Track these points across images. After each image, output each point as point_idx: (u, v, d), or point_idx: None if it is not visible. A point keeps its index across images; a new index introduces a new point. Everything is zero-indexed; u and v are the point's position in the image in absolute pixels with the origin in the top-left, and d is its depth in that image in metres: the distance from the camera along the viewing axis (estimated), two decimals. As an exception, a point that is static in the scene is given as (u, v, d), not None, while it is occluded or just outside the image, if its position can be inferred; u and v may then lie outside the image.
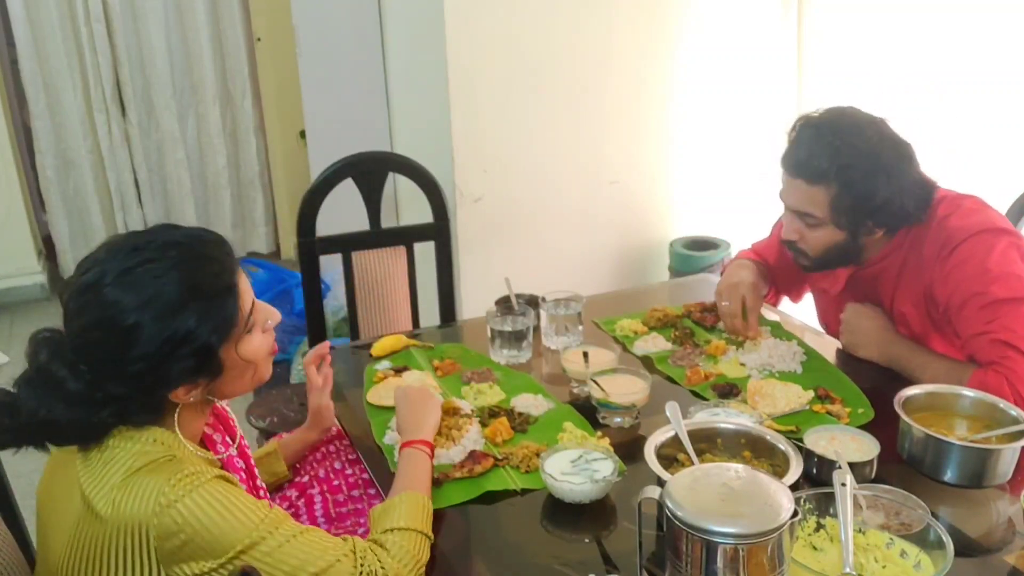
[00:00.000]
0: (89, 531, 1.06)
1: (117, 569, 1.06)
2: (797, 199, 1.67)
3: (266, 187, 4.85)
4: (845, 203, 1.61)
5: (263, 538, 1.06)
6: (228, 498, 1.07)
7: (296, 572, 1.08)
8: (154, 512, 1.03)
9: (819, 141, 1.61)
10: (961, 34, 2.53)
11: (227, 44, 4.51)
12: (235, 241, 4.80)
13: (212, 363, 1.11)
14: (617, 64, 2.89)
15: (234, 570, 1.05)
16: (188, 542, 1.03)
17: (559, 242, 3.00)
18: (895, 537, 1.15)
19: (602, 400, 1.54)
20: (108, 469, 1.07)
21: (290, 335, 3.36)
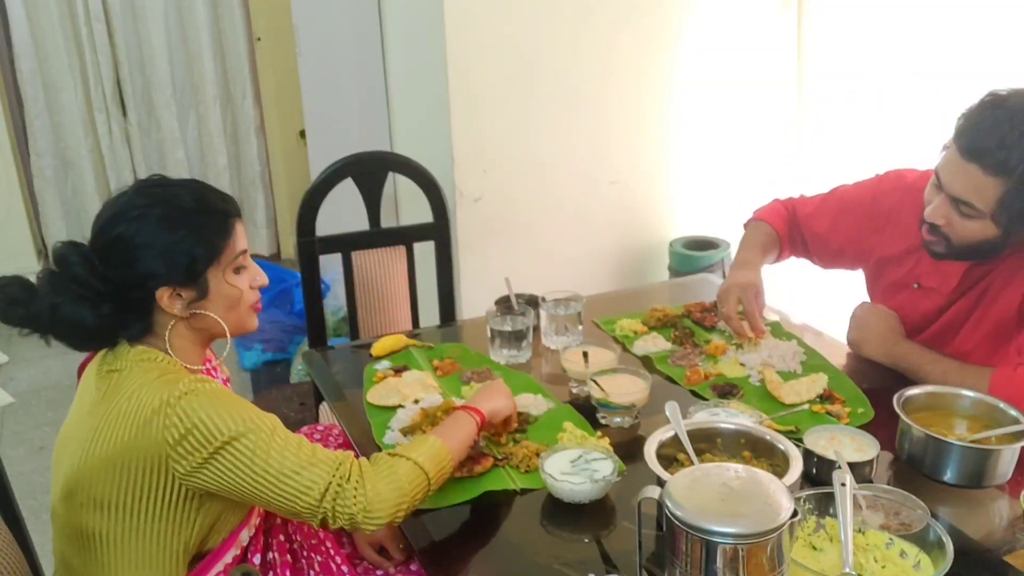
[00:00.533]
0: (104, 437, 1.17)
1: (128, 469, 1.16)
2: (963, 186, 1.48)
3: (267, 187, 4.84)
4: (1018, 204, 1.44)
5: (249, 431, 1.15)
6: (229, 397, 1.19)
7: (270, 466, 1.15)
8: (166, 403, 1.14)
9: (1012, 130, 1.42)
10: (961, 34, 2.53)
11: (227, 44, 4.50)
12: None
13: (198, 276, 1.23)
14: (617, 64, 2.89)
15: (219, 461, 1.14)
16: (188, 433, 1.14)
17: (559, 242, 2.99)
18: (895, 537, 1.15)
19: (602, 400, 1.55)
20: (123, 384, 1.20)
21: (290, 335, 3.36)
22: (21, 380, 3.65)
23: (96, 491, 1.18)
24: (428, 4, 2.65)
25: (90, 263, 1.20)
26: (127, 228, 1.20)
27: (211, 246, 1.23)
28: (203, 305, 1.25)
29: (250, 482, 1.15)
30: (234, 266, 1.27)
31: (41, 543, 1.46)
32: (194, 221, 1.22)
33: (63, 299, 1.18)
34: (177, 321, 1.25)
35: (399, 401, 1.63)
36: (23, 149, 4.40)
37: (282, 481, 1.15)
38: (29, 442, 3.17)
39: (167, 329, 1.24)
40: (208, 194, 1.27)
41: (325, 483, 1.15)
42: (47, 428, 3.27)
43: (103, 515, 1.19)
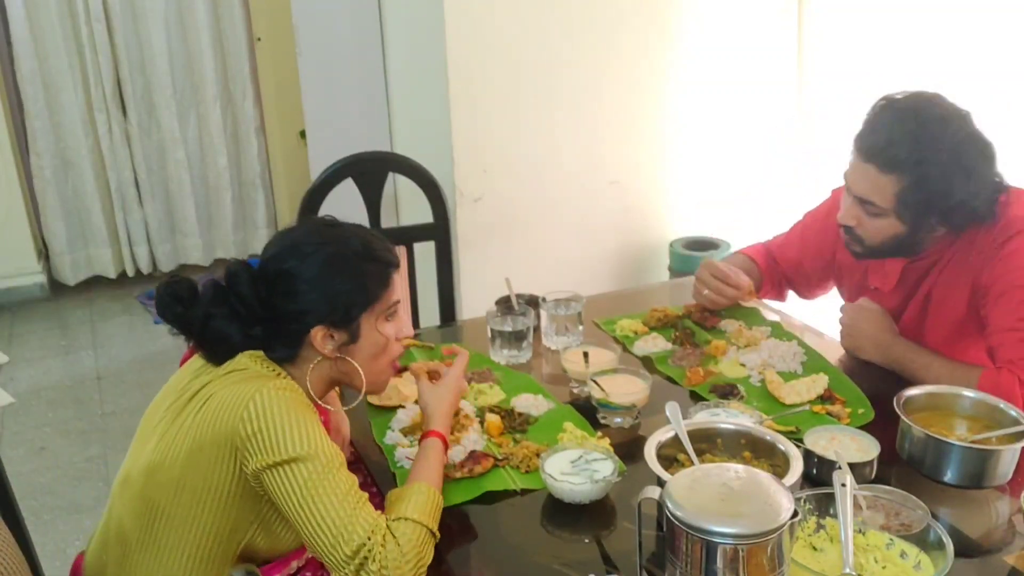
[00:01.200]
0: (193, 419, 1.21)
1: (210, 453, 1.19)
2: (863, 185, 1.57)
3: (267, 188, 4.84)
4: (915, 198, 1.52)
5: (313, 458, 1.16)
6: (307, 417, 1.20)
7: (319, 504, 1.15)
8: (250, 398, 1.17)
9: (901, 128, 1.50)
10: (961, 34, 2.53)
11: (228, 44, 4.50)
12: (236, 244, 4.80)
13: (353, 321, 1.28)
14: (617, 64, 2.89)
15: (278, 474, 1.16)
16: (258, 432, 1.16)
17: (559, 242, 3.00)
18: (895, 538, 1.15)
19: (602, 400, 1.55)
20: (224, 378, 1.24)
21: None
22: (21, 380, 3.65)
23: (179, 472, 1.21)
24: (428, 4, 2.65)
25: (256, 286, 1.26)
26: (297, 264, 1.26)
27: (370, 293, 1.29)
28: (351, 350, 1.30)
29: (295, 508, 1.16)
30: (386, 315, 1.33)
31: (41, 543, 1.47)
32: (360, 267, 1.28)
33: (218, 311, 1.25)
34: (322, 360, 1.29)
35: (399, 401, 1.63)
36: (23, 149, 4.40)
37: (320, 524, 1.15)
38: (29, 442, 3.17)
39: (311, 364, 1.29)
40: (375, 242, 1.32)
41: (355, 546, 1.13)
42: (47, 428, 3.27)
43: (177, 495, 1.22)
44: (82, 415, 3.37)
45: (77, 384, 3.60)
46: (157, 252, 4.67)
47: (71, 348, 3.94)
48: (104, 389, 3.56)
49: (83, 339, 4.03)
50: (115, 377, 3.66)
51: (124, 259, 4.63)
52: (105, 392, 3.54)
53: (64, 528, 2.68)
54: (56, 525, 2.69)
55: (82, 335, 4.08)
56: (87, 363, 3.78)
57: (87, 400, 3.48)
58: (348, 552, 1.13)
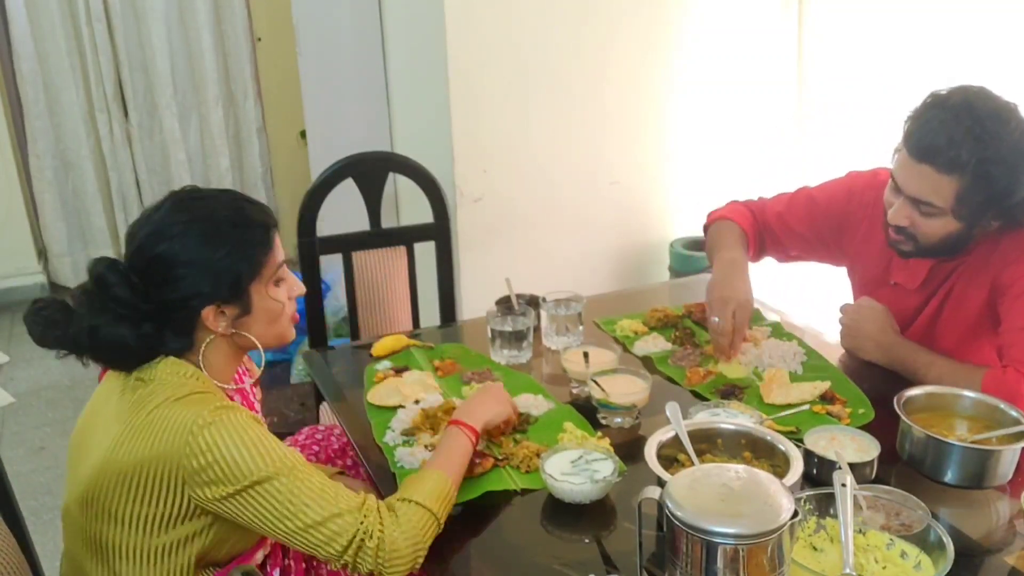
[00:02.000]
0: (125, 451, 1.15)
1: (144, 485, 1.15)
2: (919, 187, 1.52)
3: (269, 188, 4.84)
4: (976, 197, 1.47)
5: (277, 475, 1.14)
6: (256, 433, 1.16)
7: (299, 513, 1.13)
8: (189, 432, 1.12)
9: (958, 127, 1.45)
10: (961, 34, 2.53)
11: (228, 44, 4.50)
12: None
13: (242, 293, 1.22)
14: (617, 64, 2.89)
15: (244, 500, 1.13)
16: (211, 465, 1.12)
17: (559, 242, 2.99)
18: (895, 538, 1.15)
19: (602, 400, 1.54)
20: (150, 398, 1.18)
21: (290, 335, 3.35)
22: (21, 380, 3.65)
23: (112, 504, 1.17)
24: (428, 4, 2.65)
25: (131, 283, 1.18)
26: (168, 246, 1.18)
27: (254, 261, 1.23)
28: (246, 322, 1.25)
29: (273, 525, 1.14)
30: (275, 279, 1.27)
31: (41, 543, 1.47)
32: (236, 236, 1.21)
33: (102, 319, 1.17)
34: (216, 337, 1.24)
35: (400, 401, 1.63)
36: (23, 150, 4.40)
37: (307, 530, 1.14)
38: (29, 442, 3.17)
39: (203, 344, 1.23)
40: (246, 206, 1.25)
41: (349, 536, 1.13)
42: (47, 428, 3.27)
43: (118, 528, 1.19)
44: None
45: (77, 384, 3.60)
46: (158, 253, 4.67)
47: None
48: (104, 389, 3.56)
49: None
50: (115, 377, 3.65)
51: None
52: (105, 392, 3.53)
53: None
54: (56, 525, 2.69)
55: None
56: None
57: (86, 400, 3.45)
58: (343, 544, 1.14)
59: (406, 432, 1.53)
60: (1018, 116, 1.48)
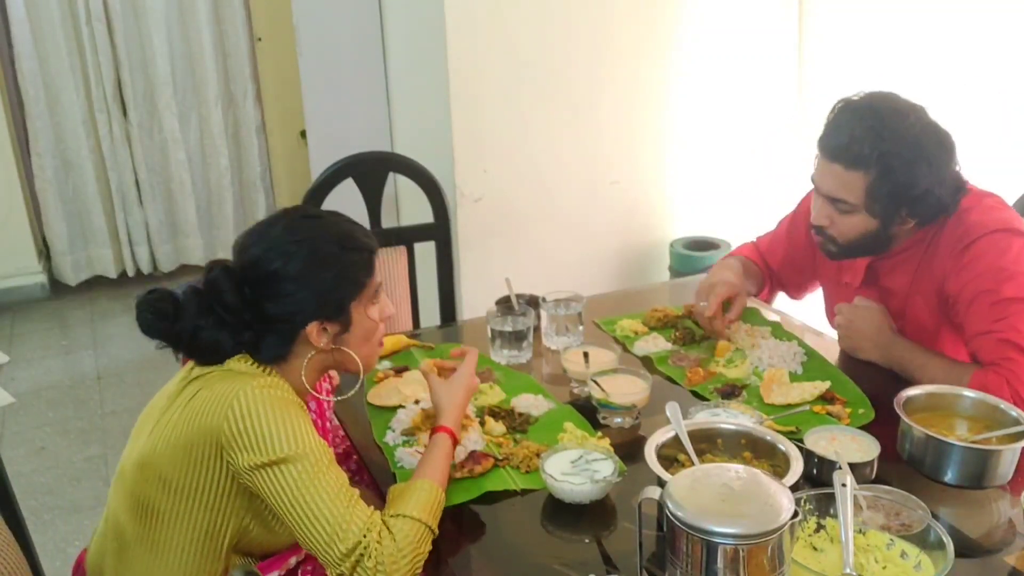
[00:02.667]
0: (180, 415, 1.22)
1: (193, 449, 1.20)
2: (832, 184, 1.62)
3: (268, 188, 4.84)
4: (883, 190, 1.57)
5: (304, 457, 1.17)
6: (294, 416, 1.20)
7: (312, 504, 1.16)
8: (235, 397, 1.18)
9: (860, 125, 1.56)
10: (961, 34, 2.53)
11: (228, 44, 4.50)
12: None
13: (342, 311, 1.28)
14: (617, 64, 2.89)
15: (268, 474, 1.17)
16: (245, 431, 1.17)
17: (559, 242, 2.99)
18: (895, 538, 1.15)
19: (602, 400, 1.54)
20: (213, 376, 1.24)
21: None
22: (21, 380, 3.65)
23: (165, 469, 1.22)
24: (429, 4, 2.65)
25: (241, 292, 1.25)
26: (282, 264, 1.24)
27: (357, 282, 1.29)
28: (345, 339, 1.31)
29: (287, 507, 1.17)
30: (372, 300, 1.33)
31: (41, 543, 1.47)
32: (343, 258, 1.27)
33: (206, 322, 1.23)
34: (316, 353, 1.29)
35: (400, 401, 1.63)
36: (24, 149, 4.40)
37: (314, 523, 1.16)
38: (29, 442, 3.17)
39: (304, 359, 1.29)
40: (355, 230, 1.31)
41: (350, 545, 1.14)
42: (47, 428, 3.27)
43: (166, 494, 1.23)
44: (82, 415, 3.37)
45: (77, 384, 3.60)
46: (158, 253, 4.67)
47: (71, 348, 3.94)
48: (104, 389, 3.56)
49: (83, 339, 4.03)
50: (115, 377, 3.66)
51: (125, 259, 4.63)
52: (105, 392, 3.54)
53: (64, 528, 2.68)
54: (56, 525, 2.69)
55: (82, 335, 4.08)
56: (87, 363, 3.78)
57: (87, 400, 3.48)
58: (344, 550, 1.14)
59: (406, 432, 1.53)
60: (917, 114, 1.58)
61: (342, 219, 1.33)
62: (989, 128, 2.49)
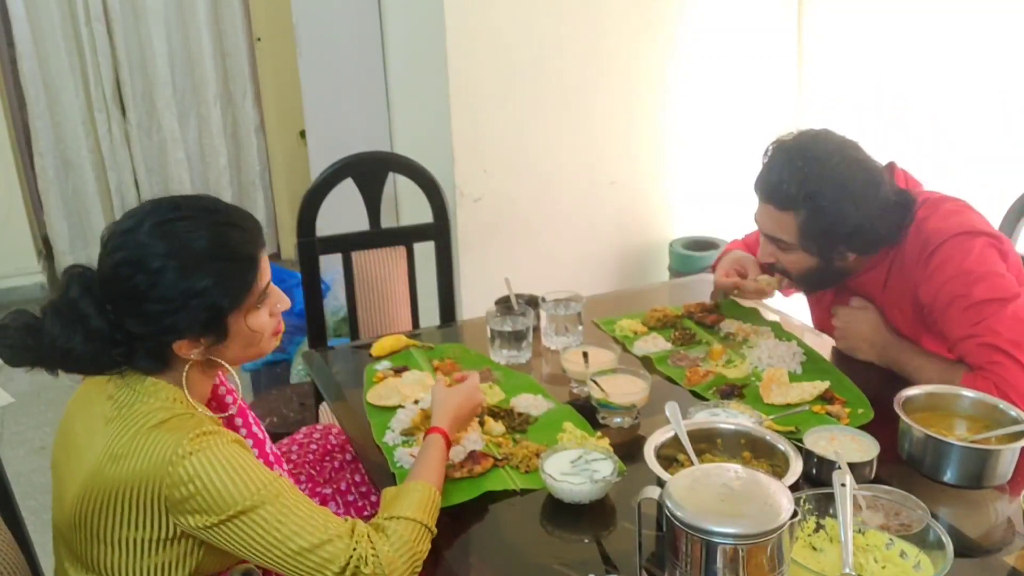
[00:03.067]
0: (108, 475, 1.12)
1: (129, 511, 1.13)
2: (768, 224, 1.68)
3: (267, 187, 4.84)
4: (813, 230, 1.61)
5: (263, 503, 1.12)
6: (239, 460, 1.13)
7: (288, 541, 1.12)
8: (169, 462, 1.10)
9: (789, 166, 1.61)
10: (961, 35, 2.53)
11: (228, 44, 4.50)
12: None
13: (219, 324, 1.18)
14: (616, 64, 2.89)
15: (230, 529, 1.12)
16: (194, 495, 1.10)
17: (559, 242, 2.99)
18: (895, 537, 1.15)
19: (602, 400, 1.55)
20: (130, 422, 1.14)
21: (290, 335, 3.35)
22: (21, 380, 3.65)
23: (100, 528, 1.15)
24: (428, 4, 2.65)
25: (104, 312, 1.15)
26: (145, 279, 1.13)
27: (235, 295, 1.18)
28: (220, 350, 1.22)
29: (261, 554, 1.12)
30: (257, 304, 1.22)
31: (41, 543, 1.47)
32: (216, 269, 1.15)
33: (73, 340, 1.15)
34: (193, 363, 1.21)
35: (399, 401, 1.63)
36: (25, 149, 4.40)
37: (297, 556, 1.12)
38: (29, 442, 3.17)
39: (183, 369, 1.21)
40: (230, 233, 1.18)
41: (342, 563, 1.12)
42: (47, 428, 3.27)
43: (108, 550, 1.17)
44: (82, 415, 3.36)
45: (77, 384, 3.59)
46: (157, 252, 4.67)
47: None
48: (104, 389, 3.55)
49: (83, 339, 4.02)
50: (115, 377, 3.65)
51: (124, 259, 4.63)
52: (105, 392, 3.53)
53: (64, 528, 2.68)
54: (56, 525, 2.69)
55: (82, 335, 4.07)
56: (87, 363, 3.77)
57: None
58: (337, 569, 1.12)
59: (406, 432, 1.53)
60: (845, 152, 1.61)
61: (217, 219, 1.18)
62: (989, 128, 2.49)
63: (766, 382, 1.62)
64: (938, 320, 1.60)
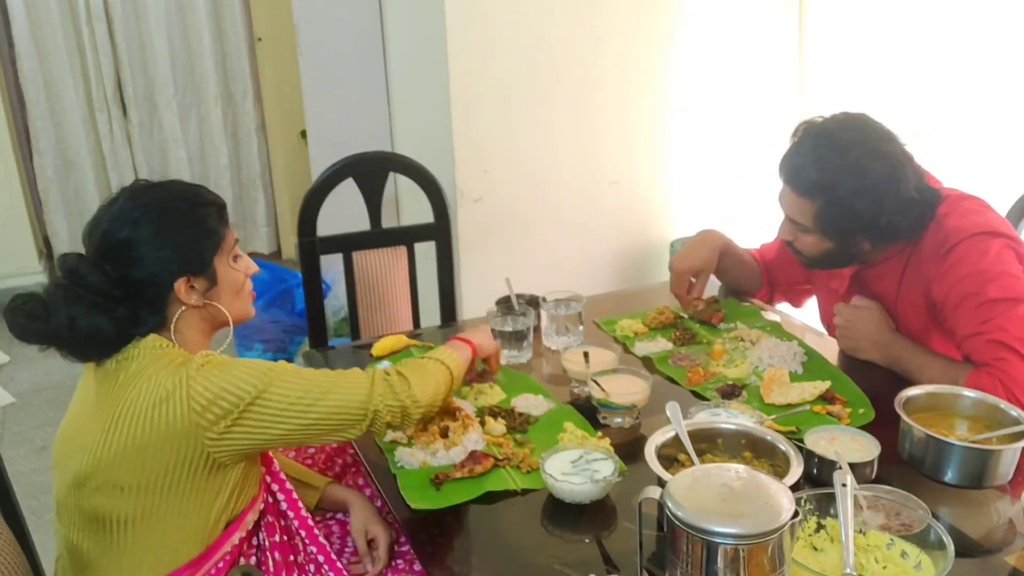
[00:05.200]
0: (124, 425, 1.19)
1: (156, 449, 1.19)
2: (787, 206, 1.69)
3: (267, 187, 4.84)
4: (830, 218, 1.62)
5: (277, 378, 1.23)
6: (238, 360, 1.25)
7: (306, 394, 1.23)
8: (182, 382, 1.19)
9: (812, 153, 1.60)
10: (962, 33, 2.53)
11: (228, 44, 4.50)
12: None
13: (206, 265, 1.29)
14: (617, 64, 2.89)
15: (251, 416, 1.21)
16: (214, 401, 1.19)
17: (559, 242, 2.99)
18: (895, 538, 1.15)
19: (602, 400, 1.54)
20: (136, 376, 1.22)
21: (291, 335, 3.35)
22: (21, 380, 3.65)
23: (116, 476, 1.20)
24: (429, 4, 2.65)
25: (102, 270, 1.23)
26: (132, 231, 1.24)
27: (215, 234, 1.30)
28: (214, 294, 1.31)
29: (293, 417, 1.22)
30: (233, 254, 1.35)
31: (42, 543, 1.47)
32: (194, 213, 1.29)
33: (78, 310, 1.21)
34: (186, 310, 1.29)
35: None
36: (25, 149, 4.40)
37: (323, 401, 1.23)
38: (29, 442, 3.17)
39: (175, 318, 1.28)
40: (199, 189, 1.33)
41: (368, 385, 1.25)
42: (47, 428, 3.27)
43: (124, 497, 1.21)
44: (82, 415, 3.37)
45: (77, 383, 3.60)
46: (158, 252, 4.67)
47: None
48: (104, 389, 3.55)
49: (83, 339, 4.02)
50: (115, 377, 3.65)
51: (125, 259, 4.63)
52: (105, 392, 3.53)
53: (64, 528, 2.68)
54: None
55: (82, 335, 4.07)
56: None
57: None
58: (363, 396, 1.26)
59: (406, 432, 1.53)
60: (872, 144, 1.59)
61: (185, 183, 1.35)
62: (990, 127, 2.49)
63: (767, 382, 1.62)
64: (948, 317, 1.60)
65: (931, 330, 1.69)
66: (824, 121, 1.65)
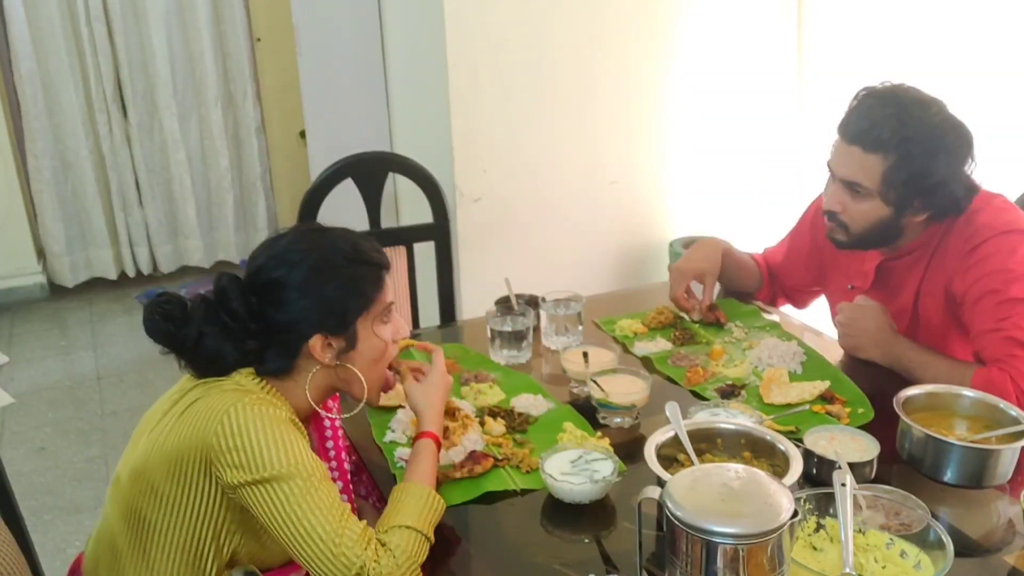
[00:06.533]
0: (172, 430, 1.20)
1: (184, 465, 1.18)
2: (849, 167, 1.62)
3: (268, 188, 4.84)
4: (899, 176, 1.57)
5: (294, 476, 1.15)
6: (285, 432, 1.18)
7: (306, 520, 1.14)
8: (225, 412, 1.16)
9: (883, 111, 1.57)
10: (962, 31, 2.53)
11: (228, 44, 4.50)
12: (237, 245, 4.78)
13: (347, 327, 1.26)
14: (616, 64, 2.89)
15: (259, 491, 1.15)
16: (234, 448, 1.15)
17: (559, 242, 2.99)
18: (895, 537, 1.15)
19: (602, 400, 1.55)
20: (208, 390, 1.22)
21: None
22: (21, 380, 3.65)
23: (156, 480, 1.21)
24: (428, 4, 2.65)
25: (247, 301, 1.24)
26: (285, 273, 1.24)
27: (364, 296, 1.27)
28: (350, 357, 1.28)
29: (280, 525, 1.15)
30: (382, 318, 1.31)
31: (41, 543, 1.47)
32: (349, 270, 1.26)
33: (211, 329, 1.22)
34: (320, 369, 1.27)
35: (399, 402, 1.63)
36: (21, 150, 4.40)
37: (310, 539, 1.14)
38: (29, 442, 3.17)
39: (308, 374, 1.27)
40: (364, 244, 1.30)
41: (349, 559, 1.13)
42: (47, 428, 3.27)
43: (157, 504, 1.22)
44: (82, 415, 3.37)
45: (77, 384, 3.60)
46: (158, 253, 4.67)
47: (71, 348, 3.94)
48: (104, 389, 3.56)
49: (83, 339, 4.03)
50: (115, 377, 3.66)
51: (124, 260, 4.63)
52: (105, 392, 3.54)
53: (64, 528, 2.68)
54: (56, 525, 2.69)
55: (82, 335, 4.08)
56: (87, 363, 3.78)
57: (87, 400, 3.48)
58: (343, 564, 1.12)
59: (406, 432, 1.53)
60: (940, 105, 1.59)
61: (353, 234, 1.32)
62: (991, 124, 2.48)
63: (766, 382, 1.63)
64: (966, 312, 1.60)
65: (950, 327, 1.67)
66: (885, 86, 1.63)
